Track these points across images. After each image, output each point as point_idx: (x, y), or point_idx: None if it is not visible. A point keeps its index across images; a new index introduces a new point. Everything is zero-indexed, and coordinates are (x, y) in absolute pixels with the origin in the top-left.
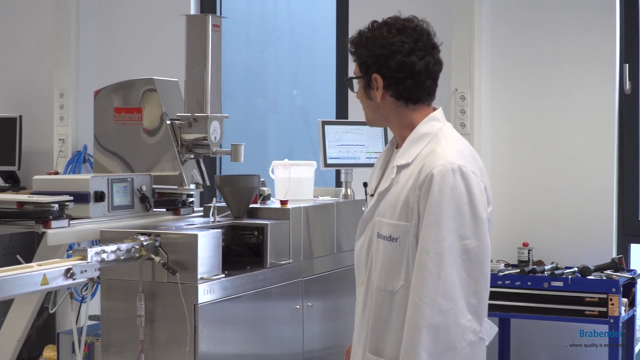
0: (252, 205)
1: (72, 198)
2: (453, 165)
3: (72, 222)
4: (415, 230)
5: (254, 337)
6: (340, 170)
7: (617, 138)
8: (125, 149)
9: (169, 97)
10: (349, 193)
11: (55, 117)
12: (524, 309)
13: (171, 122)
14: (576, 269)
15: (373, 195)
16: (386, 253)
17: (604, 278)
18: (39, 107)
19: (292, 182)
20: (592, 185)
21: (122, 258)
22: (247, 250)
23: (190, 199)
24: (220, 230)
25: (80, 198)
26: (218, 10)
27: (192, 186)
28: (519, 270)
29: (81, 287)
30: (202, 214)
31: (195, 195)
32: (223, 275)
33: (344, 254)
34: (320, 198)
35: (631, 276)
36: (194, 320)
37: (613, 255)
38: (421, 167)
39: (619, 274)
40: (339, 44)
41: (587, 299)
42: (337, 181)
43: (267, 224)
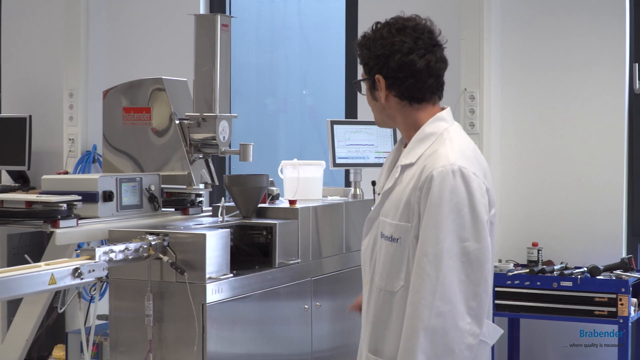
0: (260, 205)
1: (80, 198)
2: (453, 166)
3: (80, 221)
4: (415, 232)
5: (262, 337)
6: (349, 170)
7: (626, 138)
8: (134, 148)
9: (177, 96)
10: (358, 193)
11: (64, 117)
12: (533, 309)
13: (180, 122)
14: (585, 269)
15: (380, 194)
16: (387, 253)
17: (614, 278)
18: (48, 107)
19: (301, 182)
20: (602, 185)
21: (131, 258)
22: (256, 250)
23: (199, 199)
24: (228, 230)
25: (89, 198)
26: (227, 10)
27: (201, 186)
28: (528, 270)
29: (90, 287)
30: (210, 213)
31: (204, 195)
32: (231, 275)
33: (352, 253)
34: (329, 198)
35: None
36: (202, 319)
37: (623, 255)
38: (423, 168)
39: (628, 274)
40: (348, 44)
41: (597, 299)
42: (346, 181)
43: (275, 223)
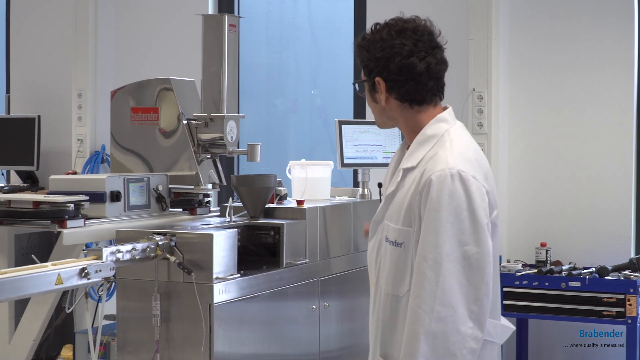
0: (268, 205)
1: (87, 198)
2: (452, 170)
3: (87, 221)
4: (417, 236)
5: (270, 337)
6: (357, 170)
7: (635, 138)
8: (142, 148)
9: (185, 97)
10: (366, 193)
11: (73, 117)
12: (542, 309)
13: (188, 122)
14: (594, 270)
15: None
16: (392, 258)
17: (622, 278)
18: (57, 107)
19: (309, 182)
20: (610, 186)
21: (138, 258)
22: (264, 250)
23: (206, 199)
24: (235, 230)
25: (96, 198)
26: (236, 10)
27: (208, 186)
28: (536, 271)
29: (98, 287)
30: (218, 213)
31: (212, 195)
32: (238, 275)
33: (361, 253)
34: (337, 198)
35: None
36: (210, 320)
37: (631, 256)
38: (423, 172)
39: (636, 274)
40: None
41: (605, 300)
42: (354, 181)
43: (283, 223)
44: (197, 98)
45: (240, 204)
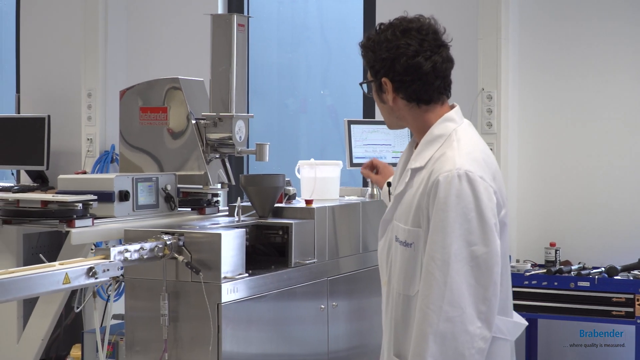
0: (277, 205)
1: (95, 197)
2: (460, 170)
3: (96, 221)
4: (426, 236)
5: (278, 337)
6: None
7: None
8: (151, 148)
9: (194, 96)
10: (375, 193)
11: (83, 117)
12: (551, 309)
13: (196, 122)
14: (603, 269)
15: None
16: (403, 258)
17: (631, 278)
18: (67, 107)
19: (318, 182)
20: (620, 185)
21: (146, 257)
22: (272, 249)
23: (215, 199)
24: (243, 229)
25: (105, 197)
26: (245, 10)
27: (217, 185)
28: (545, 271)
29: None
30: (227, 213)
31: (221, 194)
32: (247, 275)
33: (370, 253)
34: (346, 198)
35: None
36: (218, 319)
37: None
38: (431, 172)
39: None
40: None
41: (614, 299)
42: (364, 181)
43: (291, 223)
44: (206, 98)
45: (249, 203)
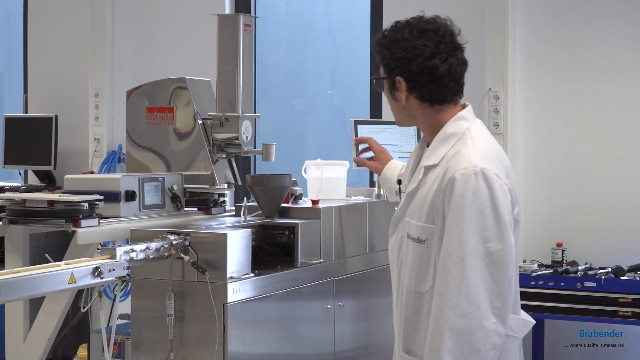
0: (283, 205)
1: (102, 197)
2: (475, 168)
3: (102, 221)
4: (440, 233)
5: (284, 337)
6: None
7: None
8: (158, 148)
9: (200, 96)
10: (382, 193)
11: (90, 117)
12: (557, 310)
13: (203, 122)
14: (610, 270)
15: (405, 193)
16: (415, 255)
17: (638, 279)
18: (74, 107)
19: (324, 182)
20: (627, 186)
21: (152, 257)
22: (279, 249)
23: (222, 199)
24: (249, 229)
25: (111, 197)
26: (252, 10)
27: (224, 185)
28: (552, 271)
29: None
30: (233, 213)
31: (228, 194)
32: (253, 275)
33: (376, 253)
34: (352, 198)
35: None
36: (223, 319)
37: None
38: (445, 170)
39: None
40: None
41: (621, 300)
42: (370, 181)
43: (297, 223)
44: (213, 98)
45: (255, 203)
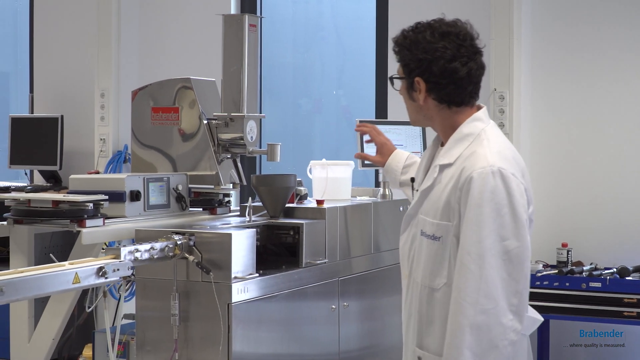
0: (288, 205)
1: (106, 197)
2: (493, 167)
3: (107, 221)
4: (456, 230)
5: (289, 337)
6: (378, 170)
7: None
8: (163, 148)
9: (205, 96)
10: (387, 193)
11: (96, 117)
12: (562, 310)
13: (208, 122)
14: (615, 270)
15: (418, 191)
16: (429, 251)
17: None
18: (80, 107)
19: (329, 182)
20: (632, 186)
21: (156, 257)
22: (283, 249)
23: (227, 199)
24: (254, 229)
25: (116, 197)
26: (258, 11)
27: (229, 186)
28: (557, 271)
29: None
30: (238, 213)
31: (233, 194)
32: (257, 275)
33: (382, 253)
34: (358, 198)
35: None
36: (228, 319)
37: None
38: (462, 169)
39: None
40: (378, 44)
41: (626, 300)
42: (376, 181)
43: (302, 223)
44: (218, 98)
45: (260, 203)
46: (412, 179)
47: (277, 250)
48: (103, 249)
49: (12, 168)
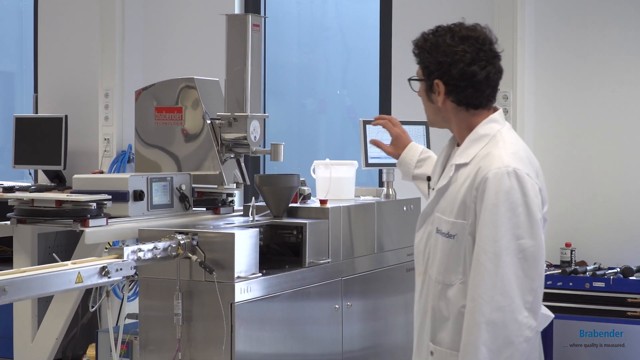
0: (291, 205)
1: (110, 197)
2: (508, 168)
3: (110, 220)
4: (471, 229)
5: (292, 337)
6: (382, 169)
7: None
8: (166, 148)
9: (209, 96)
10: (391, 193)
11: (100, 117)
12: (566, 310)
13: (211, 122)
14: (618, 270)
15: (434, 189)
16: (445, 249)
17: None
18: (84, 107)
19: (333, 182)
20: (636, 186)
21: (159, 257)
22: (287, 249)
23: (230, 199)
24: (257, 229)
25: (120, 197)
26: (262, 11)
27: (232, 185)
28: (560, 271)
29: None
30: (241, 213)
31: (236, 194)
32: (260, 274)
33: (385, 253)
34: (361, 198)
35: None
36: (231, 319)
37: None
38: (478, 169)
39: None
40: (382, 44)
41: (629, 300)
42: (380, 181)
43: (305, 223)
44: (221, 98)
45: (263, 203)
46: (429, 178)
47: (280, 250)
48: (106, 248)
49: (16, 168)
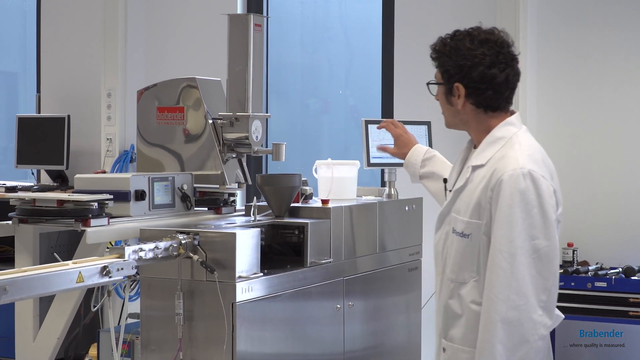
0: (293, 204)
1: (111, 197)
2: (524, 170)
3: (112, 220)
4: (485, 229)
5: (293, 337)
6: (384, 169)
7: None
8: (168, 148)
9: (211, 96)
10: (393, 193)
11: (102, 117)
12: (568, 310)
13: (213, 122)
14: (620, 270)
15: (451, 191)
16: (459, 248)
17: None
18: (87, 107)
19: (335, 182)
20: (637, 185)
21: (160, 256)
22: (288, 249)
23: (232, 198)
24: (259, 229)
25: (121, 197)
26: (265, 11)
27: (234, 185)
28: (562, 271)
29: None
30: (243, 213)
31: (238, 194)
32: (262, 274)
33: (387, 253)
34: (363, 197)
35: None
36: (232, 318)
37: None
38: (493, 171)
39: None
40: (385, 44)
41: (631, 300)
42: (382, 181)
43: (307, 222)
44: (223, 97)
45: (265, 203)
46: (445, 180)
47: (282, 250)
48: (108, 248)
49: (19, 168)
